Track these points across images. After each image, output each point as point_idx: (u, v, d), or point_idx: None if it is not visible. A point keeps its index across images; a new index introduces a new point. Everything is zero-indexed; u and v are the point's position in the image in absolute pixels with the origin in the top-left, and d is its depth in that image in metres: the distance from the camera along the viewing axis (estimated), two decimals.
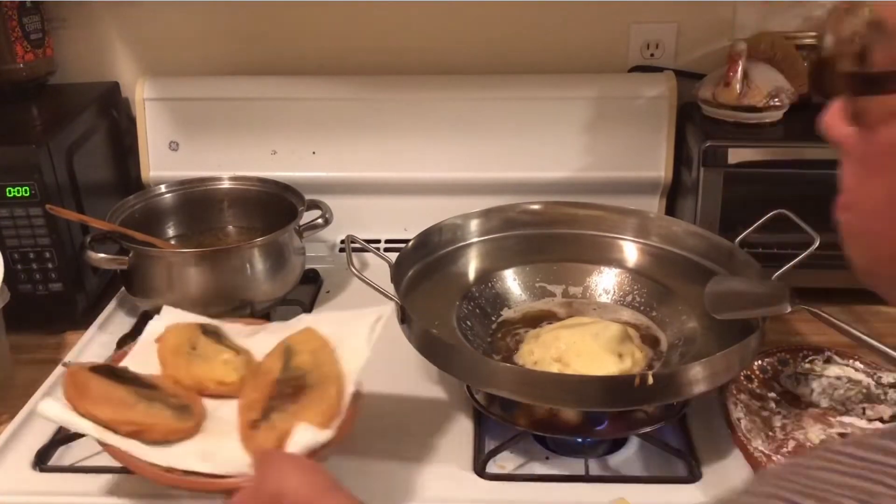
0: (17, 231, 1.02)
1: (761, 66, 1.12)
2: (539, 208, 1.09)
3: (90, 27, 1.29)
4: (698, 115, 1.17)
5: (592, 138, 1.23)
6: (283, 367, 0.78)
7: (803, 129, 1.11)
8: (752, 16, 1.23)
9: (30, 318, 1.06)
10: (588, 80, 1.24)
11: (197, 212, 1.18)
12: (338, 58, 1.29)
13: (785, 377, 0.91)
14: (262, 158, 1.25)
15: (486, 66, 1.28)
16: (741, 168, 1.07)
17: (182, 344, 0.84)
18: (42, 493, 0.80)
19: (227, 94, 1.25)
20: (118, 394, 0.74)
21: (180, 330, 0.86)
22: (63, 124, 1.10)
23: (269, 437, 0.71)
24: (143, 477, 0.72)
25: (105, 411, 0.73)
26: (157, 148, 1.26)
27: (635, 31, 1.26)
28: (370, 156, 1.25)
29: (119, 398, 0.74)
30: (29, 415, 0.89)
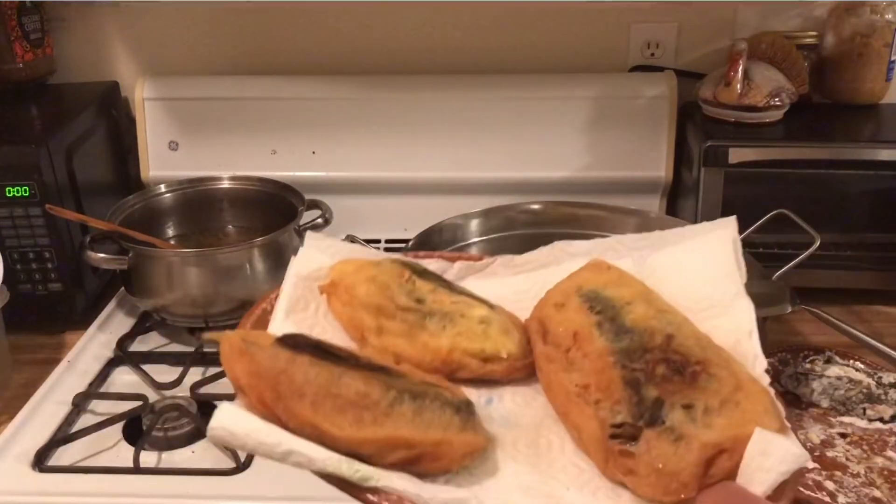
0: (17, 231, 1.02)
1: (762, 66, 1.12)
2: (539, 208, 1.09)
3: (90, 27, 1.29)
4: (699, 114, 1.17)
5: (593, 138, 1.23)
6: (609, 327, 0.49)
7: (804, 128, 1.11)
8: (752, 15, 1.23)
9: (29, 318, 1.06)
10: (588, 79, 1.24)
11: (197, 212, 1.18)
12: (338, 58, 1.29)
13: (785, 377, 0.91)
14: (262, 158, 1.25)
15: (486, 66, 1.28)
16: (742, 168, 1.07)
17: (390, 294, 0.53)
18: (41, 494, 0.79)
19: (227, 94, 1.25)
20: (356, 386, 0.42)
21: (372, 272, 0.54)
22: (63, 124, 1.10)
23: (675, 454, 0.42)
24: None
25: (342, 422, 0.41)
26: (156, 148, 1.26)
27: (636, 30, 1.26)
28: (370, 156, 1.25)
29: (361, 395, 0.42)
30: (28, 415, 0.89)
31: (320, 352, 0.44)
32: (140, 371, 0.98)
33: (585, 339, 0.49)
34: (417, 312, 0.52)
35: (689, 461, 0.41)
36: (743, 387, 0.44)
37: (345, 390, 0.42)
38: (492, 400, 0.51)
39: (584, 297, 0.52)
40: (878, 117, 1.17)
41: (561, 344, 0.50)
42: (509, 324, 0.53)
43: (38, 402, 0.91)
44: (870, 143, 1.06)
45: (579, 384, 0.47)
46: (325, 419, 0.41)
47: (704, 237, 0.54)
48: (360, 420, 0.42)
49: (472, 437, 0.44)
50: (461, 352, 0.51)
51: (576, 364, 0.48)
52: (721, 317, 0.50)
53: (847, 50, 1.15)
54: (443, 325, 0.51)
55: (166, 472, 0.82)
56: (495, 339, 0.52)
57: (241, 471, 0.81)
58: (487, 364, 0.51)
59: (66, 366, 0.98)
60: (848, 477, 0.74)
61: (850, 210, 1.09)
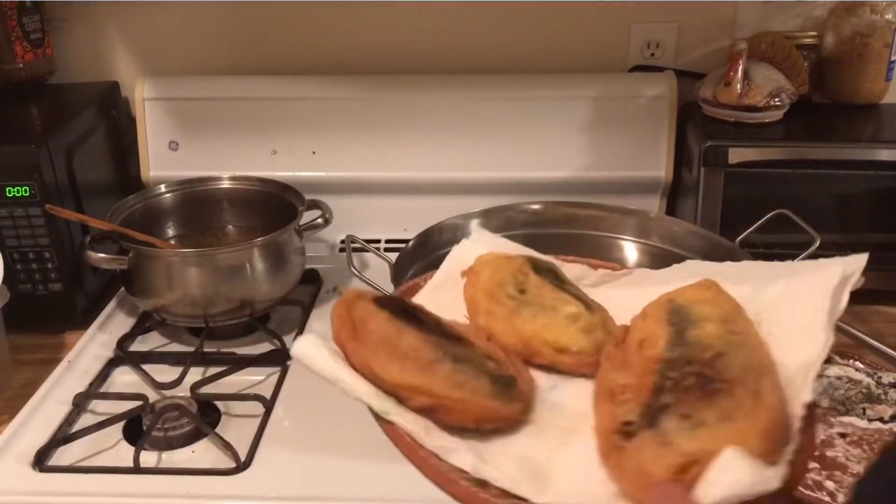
0: (17, 231, 1.02)
1: (762, 66, 1.12)
2: (539, 208, 1.09)
3: (90, 27, 1.29)
4: (699, 114, 1.17)
5: (593, 138, 1.23)
6: (673, 338, 0.51)
7: (804, 128, 1.11)
8: (752, 15, 1.23)
9: (29, 318, 1.06)
10: (588, 79, 1.24)
11: (197, 212, 1.18)
12: (338, 58, 1.29)
13: None
14: (262, 158, 1.25)
15: (486, 66, 1.28)
16: (742, 168, 1.07)
17: (504, 283, 0.60)
18: (41, 494, 0.79)
19: (227, 94, 1.25)
20: (411, 342, 0.51)
21: (501, 263, 0.62)
22: (63, 124, 1.10)
23: (658, 457, 0.44)
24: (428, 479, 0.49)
25: (390, 367, 0.50)
26: (156, 148, 1.26)
27: (636, 30, 1.26)
28: (370, 156, 1.25)
29: (412, 349, 0.51)
30: (29, 415, 0.89)
31: (404, 313, 0.53)
32: (140, 371, 0.98)
33: (648, 346, 0.51)
34: (519, 301, 0.58)
35: (664, 465, 0.43)
36: (752, 410, 0.44)
37: (401, 343, 0.51)
38: (556, 386, 0.56)
39: (670, 310, 0.54)
40: (878, 117, 1.17)
41: (628, 348, 0.53)
42: (598, 325, 0.57)
43: (39, 402, 0.91)
44: (870, 143, 1.06)
45: (621, 383, 0.50)
46: (376, 361, 0.50)
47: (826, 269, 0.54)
48: (403, 368, 0.50)
49: (490, 403, 0.50)
50: (540, 340, 0.56)
51: (628, 365, 0.51)
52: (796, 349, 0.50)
53: (847, 50, 1.16)
54: (534, 315, 0.57)
55: (166, 472, 0.82)
56: (573, 333, 0.56)
57: (241, 471, 0.81)
58: (559, 354, 0.56)
59: (66, 366, 0.98)
60: (848, 477, 0.74)
61: (850, 210, 1.09)
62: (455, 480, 0.47)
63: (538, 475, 0.48)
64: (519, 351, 0.56)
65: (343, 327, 0.53)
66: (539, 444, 0.51)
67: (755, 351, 0.49)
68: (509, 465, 0.48)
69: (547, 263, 0.63)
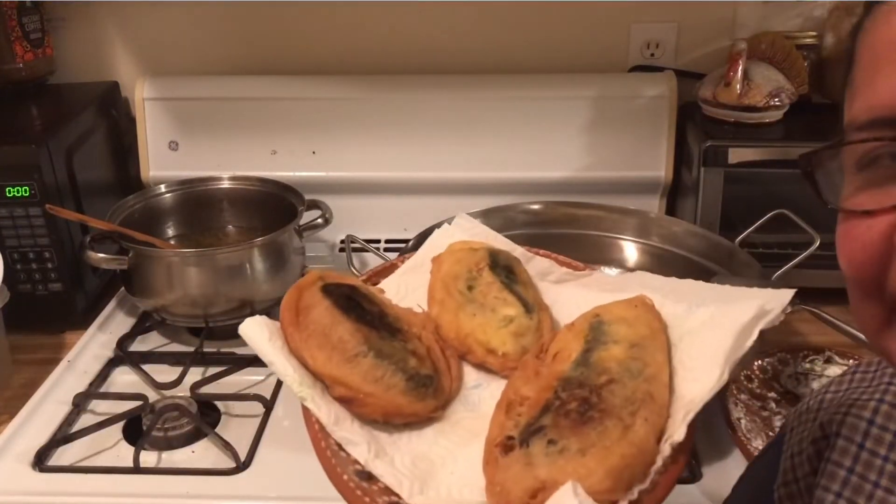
0: (17, 231, 1.02)
1: (761, 66, 1.12)
2: (539, 208, 1.09)
3: (90, 27, 1.29)
4: (699, 114, 1.17)
5: (593, 138, 1.23)
6: (580, 357, 0.52)
7: (804, 128, 1.11)
8: (752, 15, 1.23)
9: (29, 318, 1.06)
10: (588, 79, 1.24)
11: (197, 212, 1.18)
12: (338, 58, 1.29)
13: (785, 377, 0.91)
14: (262, 158, 1.25)
15: (486, 66, 1.28)
16: (741, 168, 1.07)
17: (458, 276, 0.61)
18: (41, 493, 0.80)
19: (227, 94, 1.25)
20: (341, 334, 0.53)
21: (463, 255, 0.63)
22: (63, 124, 1.10)
23: (517, 477, 0.45)
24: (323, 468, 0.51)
25: (318, 356, 0.53)
26: (156, 148, 1.26)
27: (636, 30, 1.26)
28: (370, 156, 1.25)
29: (341, 341, 0.53)
30: (29, 415, 0.89)
31: (348, 301, 0.56)
32: (140, 371, 0.98)
33: (559, 360, 0.53)
34: (466, 297, 0.60)
35: (522, 486, 0.45)
36: (613, 445, 0.45)
37: (332, 334, 0.53)
38: (479, 385, 0.58)
39: (591, 325, 0.55)
40: None
41: (546, 358, 0.54)
42: (530, 329, 0.58)
43: (39, 402, 0.91)
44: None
45: (522, 395, 0.51)
46: (307, 350, 0.53)
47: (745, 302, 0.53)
48: (329, 359, 0.52)
49: (399, 400, 0.53)
50: (473, 338, 0.58)
51: (536, 377, 0.52)
52: (692, 382, 0.51)
53: None
54: (474, 313, 0.59)
55: (166, 472, 0.82)
56: (503, 336, 0.58)
57: (241, 471, 0.81)
58: (488, 355, 0.58)
59: (66, 366, 0.98)
60: None
61: None
62: (340, 474, 0.49)
63: (426, 475, 0.50)
64: (456, 346, 0.58)
65: (288, 311, 0.55)
66: (441, 444, 0.53)
67: (648, 381, 0.49)
68: (404, 462, 0.51)
69: (507, 259, 0.63)
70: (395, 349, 0.54)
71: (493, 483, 0.47)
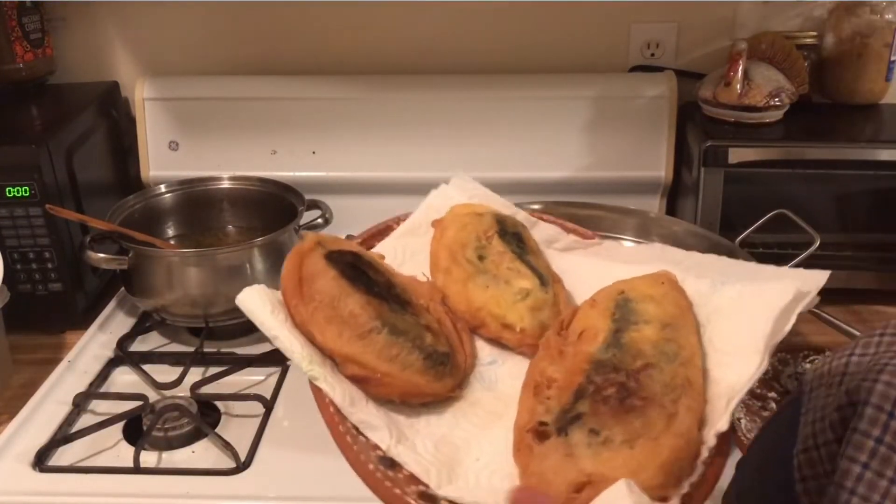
0: (17, 231, 1.02)
1: (762, 66, 1.12)
2: (539, 208, 1.09)
3: (90, 27, 1.29)
4: (699, 114, 1.17)
5: (593, 138, 1.23)
6: (610, 337, 0.49)
7: (804, 128, 1.11)
8: (752, 15, 1.23)
9: (29, 318, 1.06)
10: (588, 79, 1.24)
11: (197, 212, 1.18)
12: (338, 58, 1.29)
13: (785, 377, 0.91)
14: (262, 158, 1.25)
15: (487, 66, 1.28)
16: (741, 168, 1.07)
17: (466, 244, 0.58)
18: (41, 494, 0.79)
19: (227, 94, 1.25)
20: (353, 308, 0.49)
21: (468, 221, 0.60)
22: (63, 124, 1.10)
23: (558, 467, 0.43)
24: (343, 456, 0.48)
25: (328, 332, 0.49)
26: (156, 148, 1.26)
27: (636, 30, 1.26)
28: (370, 156, 1.25)
29: (352, 315, 0.49)
30: (29, 415, 0.89)
31: (354, 271, 0.51)
32: (140, 371, 0.98)
33: (586, 340, 0.50)
34: (476, 267, 0.56)
35: (564, 479, 0.42)
36: (660, 436, 0.43)
37: (342, 307, 0.50)
38: (495, 361, 0.55)
39: (617, 303, 0.52)
40: (878, 117, 1.17)
41: (569, 337, 0.51)
42: (547, 303, 0.55)
43: (39, 402, 0.91)
44: (870, 143, 1.06)
45: (550, 376, 0.49)
46: (315, 324, 0.49)
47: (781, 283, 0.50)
48: (339, 334, 0.49)
49: (417, 379, 0.49)
50: (487, 312, 0.55)
51: (562, 357, 0.50)
52: (729, 367, 0.48)
53: (847, 50, 1.15)
54: (486, 284, 0.56)
55: (166, 472, 0.82)
56: (520, 311, 0.55)
57: (241, 471, 0.81)
58: (504, 330, 0.55)
59: (66, 366, 0.98)
60: None
61: (850, 210, 1.09)
62: (364, 462, 0.46)
63: (451, 462, 0.47)
64: (467, 319, 0.55)
65: (290, 281, 0.52)
66: (462, 426, 0.50)
67: (685, 365, 0.47)
68: (426, 447, 0.48)
69: (514, 226, 0.61)
70: (408, 324, 0.50)
71: (528, 472, 0.44)
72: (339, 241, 0.57)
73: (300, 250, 0.53)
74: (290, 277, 0.52)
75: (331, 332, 0.49)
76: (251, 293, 0.53)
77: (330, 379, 0.49)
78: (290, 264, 0.53)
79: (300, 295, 0.51)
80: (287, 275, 0.53)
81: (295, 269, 0.53)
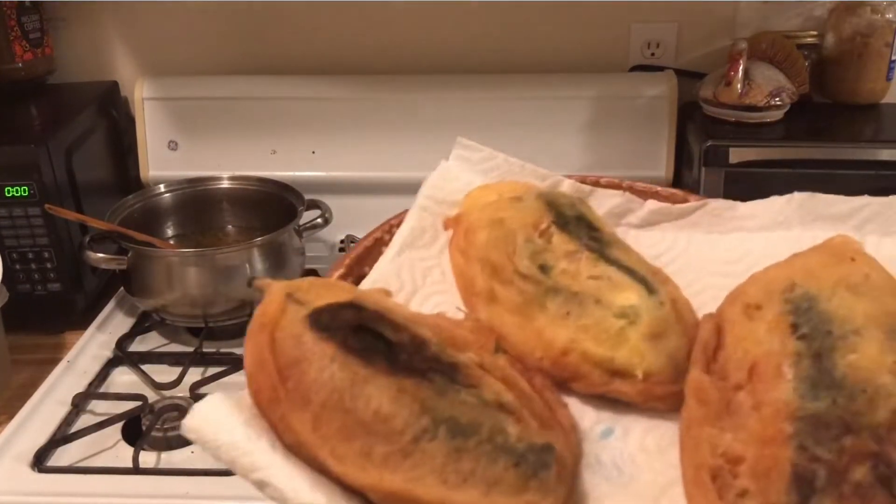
0: (16, 231, 1.02)
1: (762, 66, 1.12)
2: None
3: (89, 26, 1.28)
4: (699, 114, 1.17)
5: (593, 138, 1.23)
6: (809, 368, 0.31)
7: (804, 128, 1.11)
8: (752, 15, 1.23)
9: (28, 318, 1.05)
10: (588, 79, 1.23)
11: (196, 212, 1.17)
12: (338, 58, 1.29)
13: None
14: (261, 158, 1.25)
15: (487, 66, 1.28)
16: (742, 167, 1.06)
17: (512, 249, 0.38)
18: (41, 494, 0.79)
19: (227, 94, 1.25)
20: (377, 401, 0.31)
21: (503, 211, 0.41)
22: (62, 124, 1.10)
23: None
24: None
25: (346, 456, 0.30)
26: (156, 147, 1.26)
27: (636, 30, 1.26)
28: (370, 156, 1.24)
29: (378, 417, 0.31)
30: (28, 415, 0.89)
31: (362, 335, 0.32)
32: (139, 371, 0.97)
33: (766, 380, 0.30)
34: (538, 285, 0.36)
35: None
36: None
37: (362, 406, 0.30)
38: (612, 432, 0.35)
39: (793, 305, 0.33)
40: (879, 117, 1.17)
41: (730, 376, 0.32)
42: (669, 322, 0.36)
43: (38, 403, 0.91)
44: (870, 143, 1.06)
45: (726, 454, 0.30)
46: (325, 443, 0.30)
47: None
48: (368, 453, 0.30)
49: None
50: (581, 354, 0.35)
51: (736, 417, 0.30)
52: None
53: (847, 50, 1.15)
54: (566, 311, 0.36)
55: (166, 472, 0.82)
56: (634, 344, 0.35)
57: None
58: (615, 379, 0.35)
59: (65, 366, 0.98)
60: None
61: None
62: None
63: None
64: (548, 369, 0.35)
65: (264, 380, 0.32)
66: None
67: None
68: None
69: (573, 206, 0.41)
70: (471, 409, 0.31)
71: None
72: (317, 287, 0.35)
73: (266, 317, 0.33)
74: (262, 369, 0.32)
75: (352, 451, 0.30)
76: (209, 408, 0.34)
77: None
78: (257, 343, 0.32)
79: (287, 397, 0.31)
80: (256, 365, 0.32)
81: (268, 354, 0.32)
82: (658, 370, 0.35)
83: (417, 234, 0.44)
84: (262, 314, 0.33)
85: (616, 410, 0.35)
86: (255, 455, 0.31)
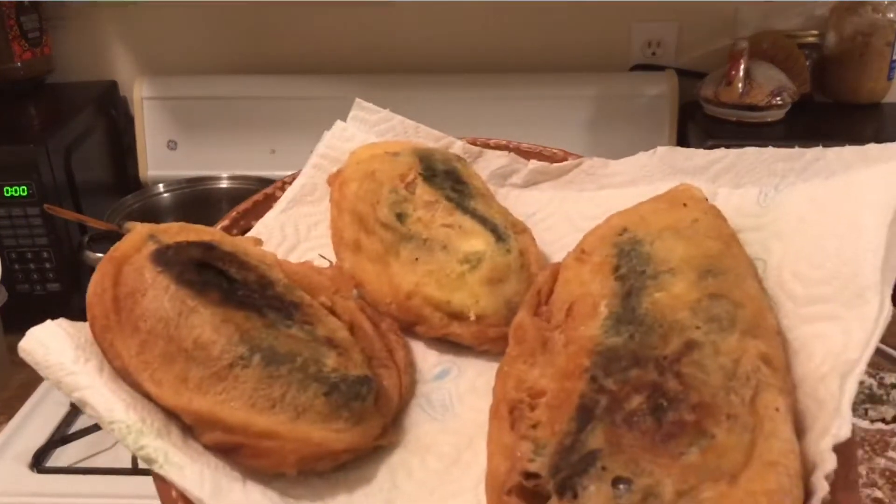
0: (15, 231, 1.02)
1: (763, 65, 1.12)
2: None
3: (88, 26, 1.28)
4: (700, 113, 1.16)
5: (593, 137, 1.22)
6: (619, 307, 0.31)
7: (805, 127, 1.11)
8: (753, 14, 1.23)
9: (27, 318, 1.04)
10: (589, 78, 1.23)
11: (196, 211, 1.17)
12: (337, 58, 1.29)
13: None
14: (261, 158, 1.25)
15: (487, 65, 1.28)
16: None
17: (377, 199, 0.39)
18: (40, 495, 0.79)
19: (227, 94, 1.25)
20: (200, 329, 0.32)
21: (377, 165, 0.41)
22: (61, 123, 1.10)
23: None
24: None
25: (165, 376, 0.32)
26: (155, 147, 1.26)
27: (637, 29, 1.26)
28: None
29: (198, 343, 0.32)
30: (27, 415, 0.89)
31: (201, 271, 0.33)
32: None
33: (580, 318, 0.31)
34: (395, 232, 0.37)
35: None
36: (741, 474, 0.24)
37: (185, 334, 0.31)
38: (448, 372, 0.36)
39: (618, 248, 0.34)
40: (880, 116, 1.17)
41: (553, 316, 0.32)
42: (512, 269, 0.36)
43: (37, 403, 0.91)
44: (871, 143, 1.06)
45: (532, 388, 0.30)
46: (146, 367, 0.32)
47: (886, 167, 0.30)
48: (185, 378, 0.31)
49: (320, 432, 0.31)
50: (423, 298, 0.36)
51: (549, 355, 0.30)
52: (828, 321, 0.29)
53: (848, 49, 1.15)
54: (416, 257, 0.37)
55: None
56: (472, 288, 0.36)
57: None
58: (453, 322, 0.36)
59: None
60: None
61: None
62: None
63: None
64: (394, 313, 0.37)
65: (100, 305, 0.34)
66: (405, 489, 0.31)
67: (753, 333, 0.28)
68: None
69: (447, 161, 0.42)
70: (296, 342, 0.32)
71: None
72: (186, 230, 0.37)
73: (118, 252, 0.35)
74: (99, 298, 0.34)
75: (170, 376, 0.31)
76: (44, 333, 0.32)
77: (177, 456, 0.32)
78: (100, 276, 0.34)
79: (118, 324, 0.34)
80: (95, 295, 0.34)
81: (108, 283, 0.34)
82: (492, 313, 0.36)
83: (308, 190, 0.45)
84: (115, 248, 0.36)
85: (457, 353, 0.36)
86: (78, 376, 0.33)
